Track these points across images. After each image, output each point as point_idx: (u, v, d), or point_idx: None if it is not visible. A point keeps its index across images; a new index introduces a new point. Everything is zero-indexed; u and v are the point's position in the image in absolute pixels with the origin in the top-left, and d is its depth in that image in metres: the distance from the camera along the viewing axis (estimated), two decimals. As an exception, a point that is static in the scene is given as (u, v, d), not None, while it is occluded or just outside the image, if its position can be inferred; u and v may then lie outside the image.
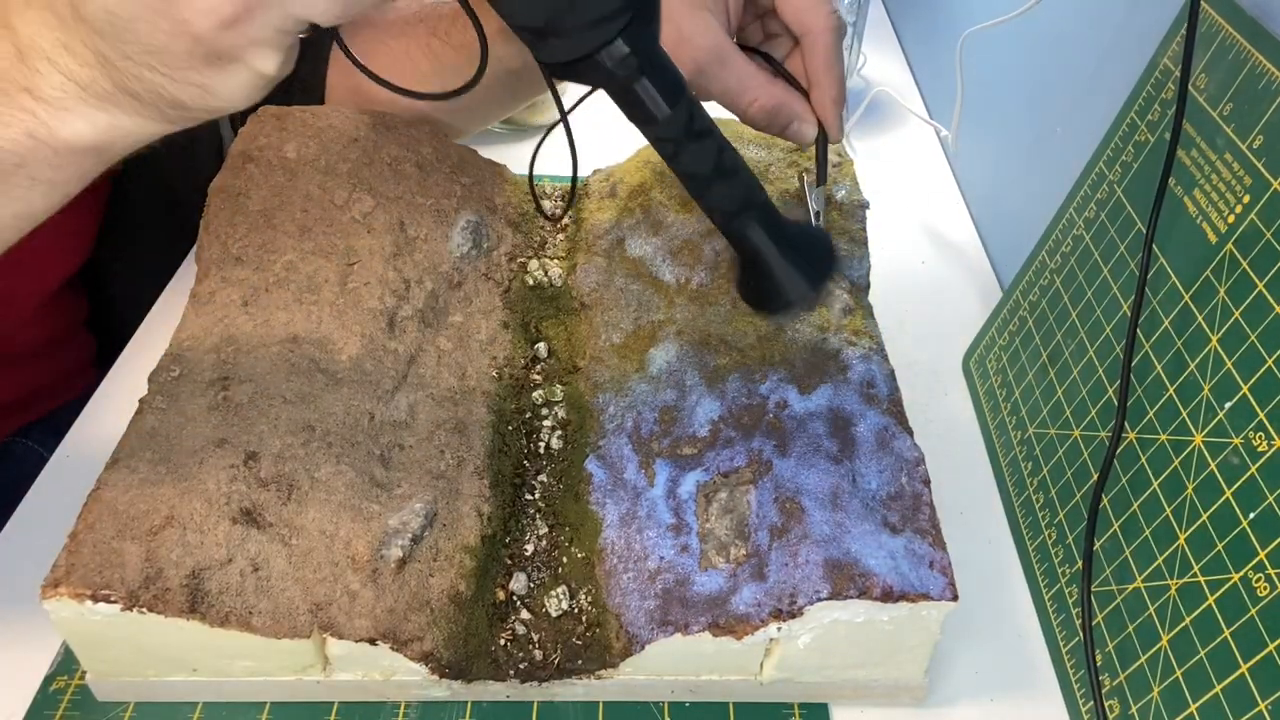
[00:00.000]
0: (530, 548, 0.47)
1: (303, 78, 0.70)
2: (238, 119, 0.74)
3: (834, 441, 0.46)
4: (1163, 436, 0.44)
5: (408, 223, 0.55)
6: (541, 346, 0.56)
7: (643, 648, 0.42)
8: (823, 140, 0.51)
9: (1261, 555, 0.37)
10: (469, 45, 0.60)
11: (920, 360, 0.65)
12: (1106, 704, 0.44)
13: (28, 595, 0.41)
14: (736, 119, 0.64)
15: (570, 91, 0.53)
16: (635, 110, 0.38)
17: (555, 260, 0.61)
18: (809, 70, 0.50)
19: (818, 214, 0.54)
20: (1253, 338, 0.40)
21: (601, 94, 0.38)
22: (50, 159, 0.37)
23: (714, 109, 0.46)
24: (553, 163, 0.82)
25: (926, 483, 0.45)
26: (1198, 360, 0.42)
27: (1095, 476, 0.47)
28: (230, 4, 0.31)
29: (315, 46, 0.69)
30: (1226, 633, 0.38)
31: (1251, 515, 0.38)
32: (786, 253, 0.43)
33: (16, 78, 0.35)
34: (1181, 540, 0.41)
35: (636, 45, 0.35)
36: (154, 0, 0.32)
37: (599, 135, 0.64)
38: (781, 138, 0.51)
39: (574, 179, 0.56)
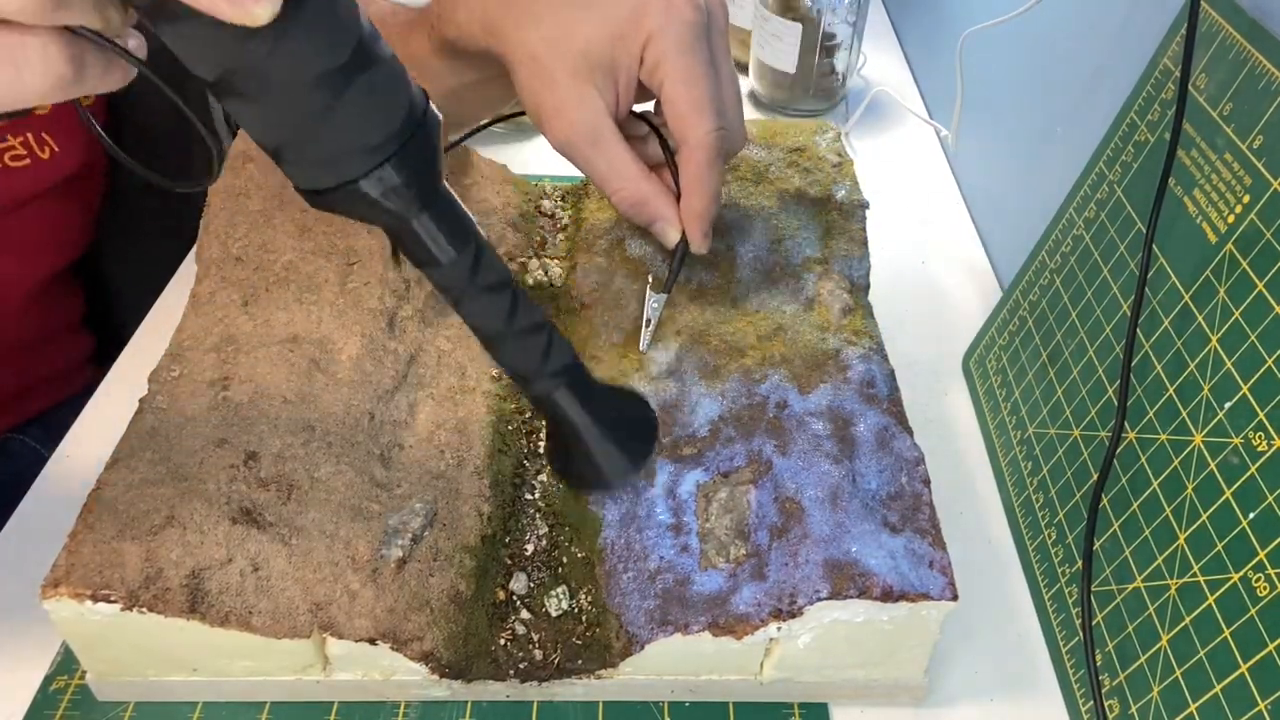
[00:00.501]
0: (530, 548, 0.47)
1: None
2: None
3: (834, 441, 0.46)
4: (1162, 436, 0.44)
5: (408, 223, 0.55)
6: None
7: (642, 647, 0.42)
8: (681, 247, 0.50)
9: (1261, 555, 0.37)
10: (412, 58, 0.56)
11: (920, 360, 0.65)
12: (1106, 704, 0.44)
13: (28, 595, 0.41)
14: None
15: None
16: (413, 250, 0.32)
17: (555, 260, 0.61)
18: (681, 180, 0.48)
19: (649, 321, 0.51)
20: (1253, 338, 0.40)
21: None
22: None
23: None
24: (553, 162, 0.82)
25: (926, 482, 0.45)
26: (1197, 360, 0.42)
27: (1095, 476, 0.47)
28: None
29: None
30: (1226, 633, 0.38)
31: (1251, 515, 0.38)
32: (601, 425, 0.37)
33: None
34: (1181, 540, 0.41)
35: (411, 172, 0.30)
36: None
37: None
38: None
39: None
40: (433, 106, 0.31)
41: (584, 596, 0.45)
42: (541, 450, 0.51)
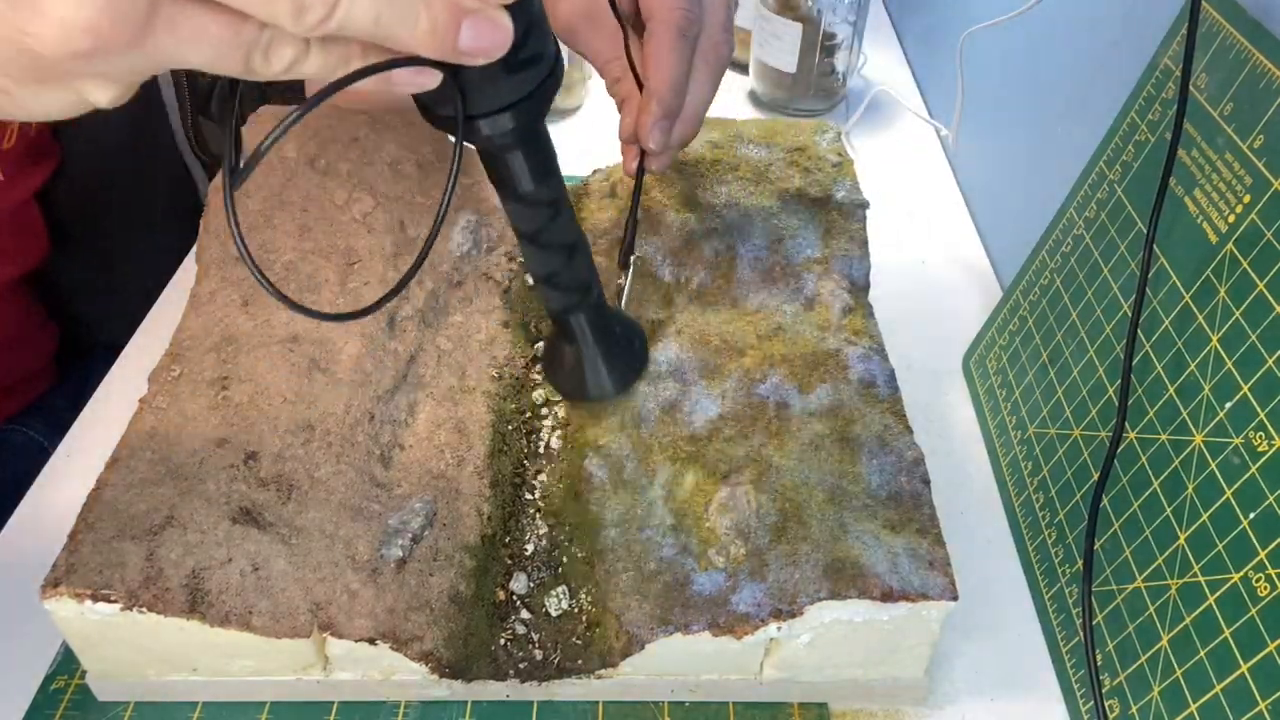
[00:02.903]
0: (530, 547, 0.47)
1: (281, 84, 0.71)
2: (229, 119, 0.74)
3: (834, 441, 0.46)
4: (1163, 436, 0.44)
5: (408, 223, 0.55)
6: (541, 346, 0.56)
7: (642, 647, 0.41)
8: (639, 171, 0.50)
9: (1262, 555, 0.37)
10: None
11: (920, 360, 0.65)
12: (1106, 704, 0.44)
13: (28, 595, 0.41)
14: (737, 120, 0.64)
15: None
16: (501, 176, 0.38)
17: (555, 260, 0.61)
18: (643, 64, 0.45)
19: (620, 289, 0.52)
20: (1253, 337, 0.40)
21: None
22: None
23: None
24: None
25: (926, 482, 0.45)
26: (1198, 360, 0.42)
27: (1095, 476, 0.47)
28: (89, 38, 0.24)
29: None
30: (1227, 633, 0.38)
31: (1252, 515, 0.38)
32: (605, 350, 0.46)
33: None
34: (1182, 540, 0.41)
35: (521, 122, 0.34)
36: None
37: (600, 135, 0.64)
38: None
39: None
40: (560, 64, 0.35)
41: (584, 596, 0.45)
42: (541, 450, 0.51)
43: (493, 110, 0.34)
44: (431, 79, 0.30)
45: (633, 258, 0.52)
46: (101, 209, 0.76)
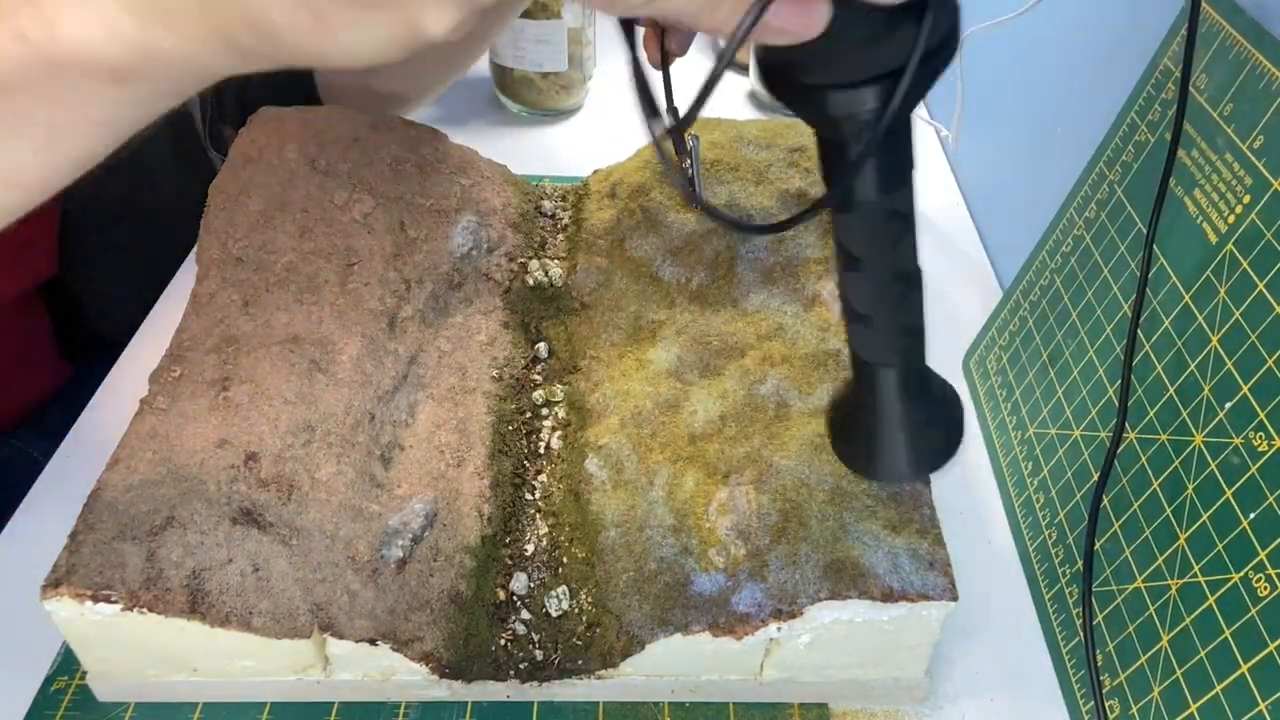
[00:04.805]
0: (530, 548, 0.47)
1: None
2: (226, 120, 0.74)
3: (834, 441, 0.46)
4: (1163, 436, 0.44)
5: (408, 223, 0.55)
6: (541, 346, 0.56)
7: (643, 648, 0.42)
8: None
9: (1262, 555, 0.37)
10: None
11: (920, 360, 0.65)
12: (1106, 704, 0.44)
13: (28, 595, 0.41)
14: (737, 120, 0.64)
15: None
16: (837, 168, 0.31)
17: (555, 260, 0.61)
18: None
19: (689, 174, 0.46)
20: (1253, 338, 0.40)
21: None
22: (46, 80, 0.26)
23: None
24: (553, 162, 0.82)
25: (926, 482, 0.45)
26: (1198, 360, 0.42)
27: (1095, 476, 0.47)
28: None
29: None
30: (1227, 633, 0.38)
31: (1252, 515, 0.38)
32: (910, 422, 0.36)
33: None
34: (1182, 540, 0.41)
35: (886, 106, 0.27)
36: None
37: (600, 135, 0.64)
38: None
39: None
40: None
41: (584, 596, 0.45)
42: (541, 450, 0.51)
43: (853, 82, 0.26)
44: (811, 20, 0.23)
45: (693, 137, 0.45)
46: (125, 209, 0.75)
